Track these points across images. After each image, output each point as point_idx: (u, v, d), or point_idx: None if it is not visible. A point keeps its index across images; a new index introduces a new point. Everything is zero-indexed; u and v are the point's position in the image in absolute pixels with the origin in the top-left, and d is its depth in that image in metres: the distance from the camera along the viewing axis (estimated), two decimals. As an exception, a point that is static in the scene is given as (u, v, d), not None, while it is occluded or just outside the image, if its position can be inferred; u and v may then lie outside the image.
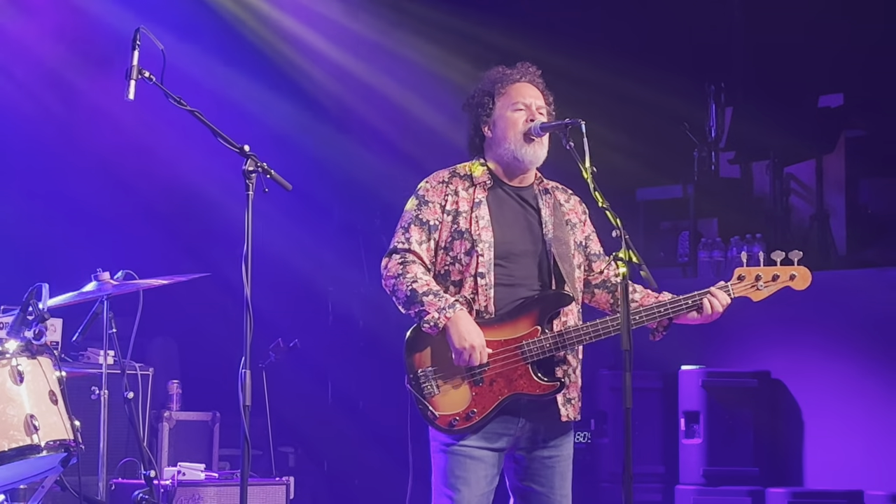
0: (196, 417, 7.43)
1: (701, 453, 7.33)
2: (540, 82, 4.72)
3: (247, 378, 4.37)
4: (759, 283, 4.57)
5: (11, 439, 4.33)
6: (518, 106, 4.63)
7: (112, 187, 7.92)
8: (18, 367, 4.41)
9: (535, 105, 4.64)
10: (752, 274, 4.58)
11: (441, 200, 4.62)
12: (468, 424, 4.47)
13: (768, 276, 4.57)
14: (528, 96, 4.65)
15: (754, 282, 4.58)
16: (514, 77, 4.70)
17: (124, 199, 7.99)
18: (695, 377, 7.42)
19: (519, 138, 4.61)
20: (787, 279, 4.59)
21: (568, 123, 4.49)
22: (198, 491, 6.32)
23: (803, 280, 4.60)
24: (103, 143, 7.83)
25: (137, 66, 4.51)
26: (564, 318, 4.56)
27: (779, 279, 4.59)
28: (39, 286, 4.49)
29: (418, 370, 4.51)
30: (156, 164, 7.95)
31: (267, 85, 8.32)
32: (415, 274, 4.53)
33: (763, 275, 4.57)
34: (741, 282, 4.58)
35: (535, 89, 4.68)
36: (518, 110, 4.63)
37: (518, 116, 4.62)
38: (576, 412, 4.61)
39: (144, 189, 8.06)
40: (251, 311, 4.37)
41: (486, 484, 4.53)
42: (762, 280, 4.57)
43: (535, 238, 4.61)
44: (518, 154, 4.61)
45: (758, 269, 4.58)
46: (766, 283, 4.58)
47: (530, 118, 4.61)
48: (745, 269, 4.59)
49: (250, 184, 4.48)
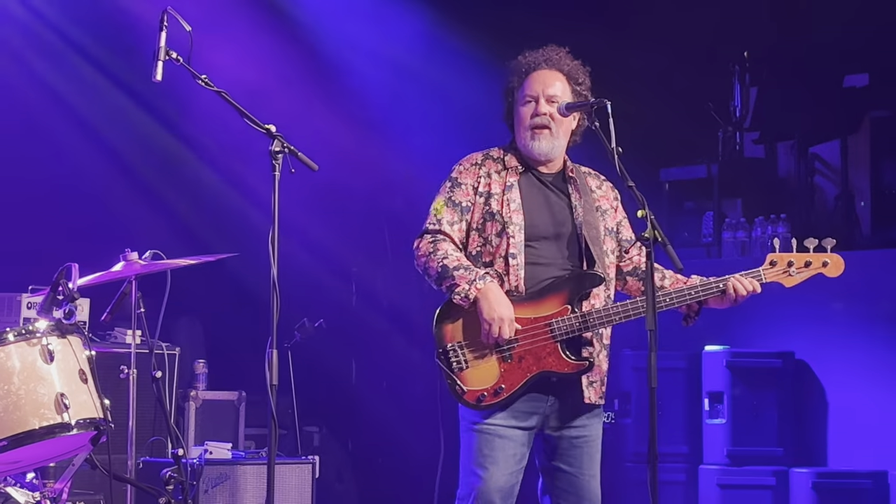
0: (222, 397, 7.46)
1: (725, 434, 7.33)
2: (565, 64, 4.70)
3: (273, 357, 4.40)
4: (791, 269, 4.58)
5: (42, 417, 4.36)
6: (526, 99, 4.65)
7: (140, 167, 7.96)
8: (49, 347, 4.44)
9: (545, 93, 4.62)
10: (785, 260, 4.58)
11: (473, 182, 4.65)
12: (496, 400, 4.49)
13: (801, 263, 4.58)
14: (537, 86, 4.64)
15: (786, 268, 4.58)
16: (532, 66, 4.69)
17: (152, 180, 8.02)
18: (719, 358, 7.42)
19: (526, 134, 4.63)
20: (820, 266, 4.60)
21: (594, 104, 4.50)
22: (225, 469, 6.37)
23: (836, 268, 4.60)
24: (131, 123, 7.86)
25: (165, 47, 4.53)
26: (593, 301, 4.59)
27: (811, 266, 4.59)
28: (69, 266, 4.51)
29: (447, 344, 4.54)
30: (184, 144, 7.98)
31: (290, 65, 8.32)
32: (445, 251, 4.57)
33: (795, 261, 4.58)
34: (773, 267, 4.59)
35: (551, 75, 4.66)
36: (526, 104, 4.64)
37: (525, 111, 4.64)
38: (597, 396, 4.64)
39: (172, 169, 8.08)
40: (278, 291, 4.39)
41: (515, 463, 4.56)
42: (794, 266, 4.58)
43: (566, 223, 4.63)
44: (528, 148, 4.64)
45: (790, 255, 4.58)
46: (799, 269, 4.58)
47: (535, 112, 4.61)
48: (777, 254, 4.60)
49: (276, 164, 4.50)
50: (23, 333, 4.45)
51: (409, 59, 8.42)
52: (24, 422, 4.35)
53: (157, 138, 7.96)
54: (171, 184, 8.10)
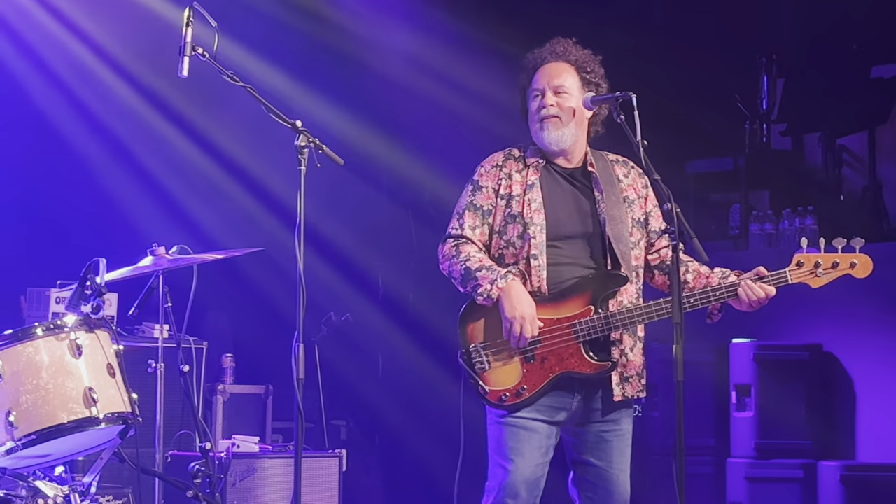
0: (249, 391, 7.48)
1: (752, 426, 7.31)
2: (572, 54, 4.68)
3: (300, 351, 4.42)
4: (818, 269, 4.51)
5: (70, 412, 4.39)
6: (534, 94, 4.66)
7: (166, 162, 7.98)
8: (77, 341, 4.46)
9: (551, 84, 4.61)
10: (812, 261, 4.51)
11: (494, 185, 4.65)
12: (518, 401, 4.50)
13: (828, 264, 4.50)
14: (543, 80, 4.64)
15: (813, 269, 4.51)
16: (539, 61, 4.69)
17: (179, 174, 8.04)
18: (746, 350, 7.39)
19: (536, 126, 4.64)
20: (847, 267, 4.52)
21: (618, 97, 4.49)
22: (252, 463, 6.39)
23: (864, 268, 4.53)
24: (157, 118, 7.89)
25: (191, 42, 4.55)
26: (620, 299, 4.58)
27: (838, 267, 4.51)
28: (96, 261, 4.53)
29: (470, 345, 4.55)
30: (210, 138, 8.00)
31: (316, 58, 8.33)
32: (468, 253, 4.58)
33: (823, 262, 4.50)
34: (800, 268, 4.51)
35: (558, 67, 4.65)
36: (534, 98, 4.65)
37: (534, 105, 4.66)
38: (634, 390, 4.63)
39: (198, 164, 8.11)
40: (304, 286, 4.40)
41: (541, 456, 4.56)
42: (821, 267, 4.50)
43: (589, 219, 4.62)
44: (539, 141, 4.65)
45: (817, 256, 4.51)
46: (826, 270, 4.50)
47: (541, 105, 4.61)
48: (804, 255, 4.52)
49: (302, 159, 4.52)
50: (51, 328, 4.47)
51: (441, 54, 8.41)
52: (52, 416, 4.37)
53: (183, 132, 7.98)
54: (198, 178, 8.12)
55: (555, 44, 4.71)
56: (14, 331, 4.44)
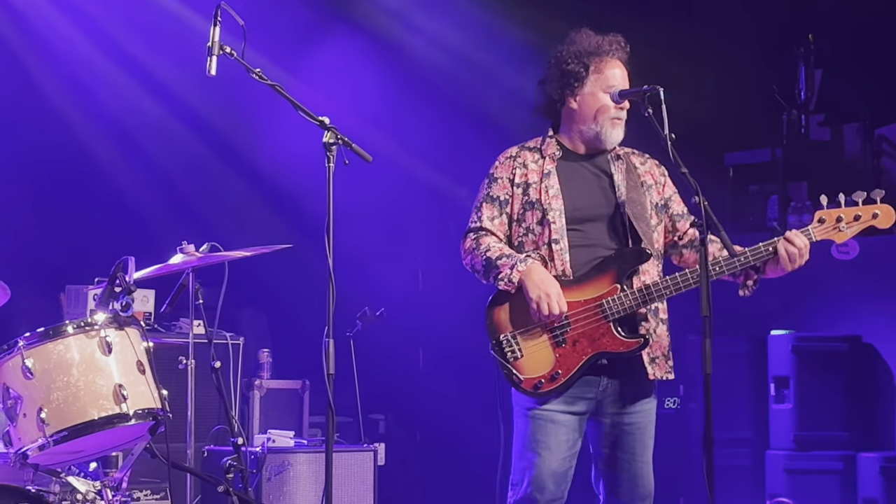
0: (286, 386, 7.51)
1: (791, 418, 7.28)
2: (624, 55, 4.71)
3: (330, 347, 4.45)
4: (840, 224, 4.47)
5: (101, 408, 4.43)
6: (610, 88, 4.63)
7: (199, 161, 8.04)
8: (107, 339, 4.51)
9: (622, 86, 4.63)
10: (833, 216, 4.47)
11: (509, 174, 4.67)
12: (554, 386, 4.50)
13: (850, 217, 4.45)
14: (620, 77, 4.64)
15: (835, 223, 4.48)
16: (610, 52, 4.67)
17: (211, 172, 8.10)
18: (785, 342, 7.36)
19: (607, 122, 4.62)
20: (870, 218, 4.46)
21: (646, 90, 4.47)
22: (287, 457, 6.42)
23: (887, 218, 4.47)
24: (187, 116, 7.95)
25: (219, 41, 4.57)
26: (643, 277, 4.57)
27: (861, 219, 4.46)
28: (126, 259, 4.57)
29: (500, 335, 4.56)
30: (239, 136, 8.05)
31: (348, 49, 8.34)
32: (487, 244, 4.60)
33: (844, 215, 4.46)
34: (822, 224, 4.49)
35: (622, 68, 4.67)
36: (609, 92, 4.63)
37: (608, 98, 4.62)
38: (661, 371, 4.61)
39: (230, 161, 8.15)
40: (334, 282, 4.43)
41: (567, 448, 4.56)
42: (844, 221, 4.46)
43: (608, 202, 4.62)
44: (602, 136, 4.64)
45: (839, 210, 4.47)
46: (849, 223, 4.46)
47: (621, 106, 4.61)
48: (825, 211, 4.49)
49: (331, 156, 4.53)
50: (81, 326, 4.52)
51: (483, 47, 8.41)
52: (83, 412, 4.42)
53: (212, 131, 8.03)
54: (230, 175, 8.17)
55: (616, 39, 4.70)
56: (45, 329, 4.50)
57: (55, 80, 7.60)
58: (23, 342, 4.47)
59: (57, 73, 7.61)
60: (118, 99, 7.75)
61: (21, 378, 4.44)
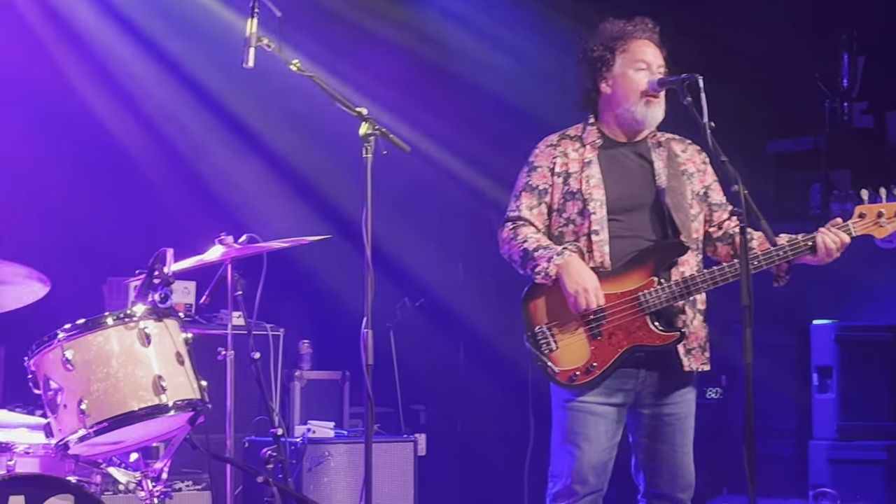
0: (326, 376, 7.52)
1: (834, 408, 7.23)
2: (657, 38, 4.69)
3: (369, 338, 4.46)
4: (881, 219, 4.45)
5: (141, 399, 4.45)
6: (640, 65, 4.60)
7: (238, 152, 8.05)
8: (146, 330, 4.52)
9: (655, 64, 4.61)
10: (874, 211, 4.46)
11: (549, 164, 4.64)
12: (589, 379, 4.48)
13: (891, 212, 4.44)
14: (649, 54, 4.62)
15: (876, 218, 4.46)
16: (635, 33, 4.65)
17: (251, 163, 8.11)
18: (828, 332, 7.31)
19: (638, 99, 4.58)
20: None
21: (685, 79, 4.44)
22: (327, 448, 6.44)
23: None
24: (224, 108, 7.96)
25: (256, 33, 4.57)
26: (682, 269, 4.54)
27: None
28: (164, 251, 4.58)
29: (535, 327, 4.54)
30: (278, 128, 8.05)
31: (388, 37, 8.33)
32: (525, 235, 4.57)
33: (885, 210, 4.44)
34: (862, 219, 4.47)
35: (654, 47, 4.65)
36: (640, 70, 4.60)
37: (640, 77, 4.60)
38: (697, 363, 4.59)
39: (269, 152, 8.16)
40: (372, 273, 4.43)
41: (607, 440, 4.54)
42: (885, 216, 4.44)
43: (649, 190, 4.58)
44: (638, 115, 4.60)
45: (879, 206, 4.45)
46: (889, 218, 4.44)
47: (651, 79, 4.58)
48: (865, 206, 4.48)
49: (368, 147, 4.53)
50: (121, 317, 4.53)
51: (524, 39, 8.37)
52: (123, 404, 4.44)
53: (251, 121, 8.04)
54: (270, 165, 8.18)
55: (644, 22, 4.69)
56: (85, 320, 4.52)
57: (91, 76, 7.61)
58: (63, 334, 4.49)
59: (93, 70, 7.63)
60: (156, 92, 7.77)
61: (61, 370, 4.47)
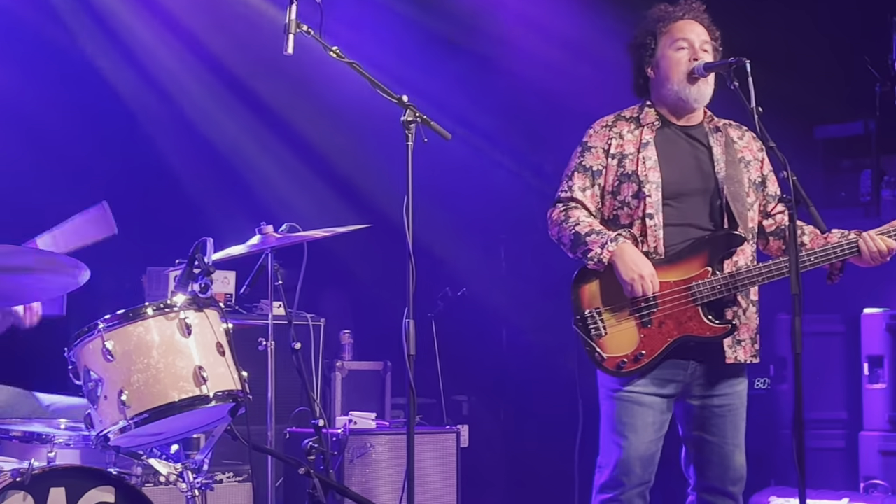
0: (368, 367, 7.50)
1: (886, 399, 7.11)
2: (705, 18, 4.63)
3: (410, 327, 4.43)
4: None
5: (181, 390, 4.41)
6: (680, 44, 4.55)
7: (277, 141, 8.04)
8: (186, 321, 4.48)
9: (698, 42, 4.55)
10: None
11: (604, 145, 4.58)
12: (637, 367, 4.42)
13: None
14: (690, 33, 4.56)
15: None
16: (677, 14, 4.62)
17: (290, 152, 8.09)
18: (879, 320, 7.19)
19: (682, 78, 4.54)
20: None
21: (732, 62, 4.40)
22: (369, 439, 6.39)
23: None
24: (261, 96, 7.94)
25: (295, 20, 4.54)
26: (736, 259, 4.48)
27: None
28: (204, 240, 4.55)
29: (585, 311, 4.49)
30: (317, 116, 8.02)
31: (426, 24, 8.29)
32: (577, 218, 4.51)
33: None
34: None
35: (699, 25, 4.59)
36: (681, 49, 4.55)
37: (681, 56, 4.54)
38: (746, 355, 4.52)
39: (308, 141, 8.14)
40: (413, 262, 4.39)
41: (655, 431, 4.49)
42: None
43: (706, 177, 4.52)
44: (682, 94, 4.54)
45: None
46: None
47: (694, 56, 4.53)
48: None
49: (409, 134, 4.50)
50: (161, 308, 4.49)
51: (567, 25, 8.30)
52: (164, 395, 4.40)
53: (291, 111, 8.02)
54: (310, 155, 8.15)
55: (689, 2, 4.65)
56: (125, 311, 4.48)
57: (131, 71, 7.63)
58: (103, 325, 4.45)
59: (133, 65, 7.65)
60: (193, 84, 7.76)
61: (101, 360, 4.43)
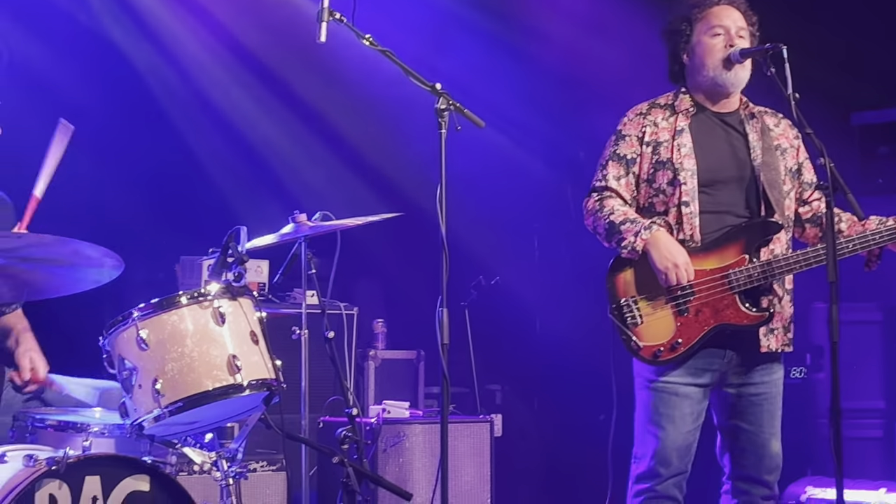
0: (401, 356, 7.50)
1: (924, 388, 7.08)
2: (742, 3, 4.60)
3: (444, 316, 4.41)
4: None
5: (215, 379, 4.41)
6: (716, 30, 4.52)
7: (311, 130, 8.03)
8: (220, 309, 4.48)
9: (734, 28, 4.52)
10: None
11: (638, 133, 4.55)
12: (673, 355, 4.40)
13: None
14: (726, 19, 4.53)
15: None
16: (713, 0, 4.58)
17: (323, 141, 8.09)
18: (918, 309, 7.16)
19: (718, 64, 4.51)
20: None
21: (769, 48, 4.36)
22: (402, 428, 6.38)
23: None
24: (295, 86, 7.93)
25: (328, 7, 4.54)
26: (773, 247, 4.45)
27: None
28: (238, 229, 4.55)
29: (621, 299, 4.47)
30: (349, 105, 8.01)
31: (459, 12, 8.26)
32: (612, 207, 4.49)
33: None
34: None
35: (735, 11, 4.56)
36: (716, 35, 4.52)
37: (716, 42, 4.52)
38: (779, 343, 4.49)
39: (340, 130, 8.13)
40: (447, 251, 4.37)
41: (692, 421, 4.47)
42: None
43: (742, 164, 4.49)
44: (719, 80, 4.52)
45: None
46: None
47: (730, 43, 4.49)
48: None
49: (443, 122, 4.49)
50: (195, 297, 4.49)
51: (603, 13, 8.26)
52: (198, 383, 4.40)
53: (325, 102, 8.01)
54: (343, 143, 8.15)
55: None
56: (159, 300, 4.48)
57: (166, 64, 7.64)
58: (137, 313, 4.45)
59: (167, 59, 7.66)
60: (226, 75, 7.77)
61: (136, 349, 4.43)
